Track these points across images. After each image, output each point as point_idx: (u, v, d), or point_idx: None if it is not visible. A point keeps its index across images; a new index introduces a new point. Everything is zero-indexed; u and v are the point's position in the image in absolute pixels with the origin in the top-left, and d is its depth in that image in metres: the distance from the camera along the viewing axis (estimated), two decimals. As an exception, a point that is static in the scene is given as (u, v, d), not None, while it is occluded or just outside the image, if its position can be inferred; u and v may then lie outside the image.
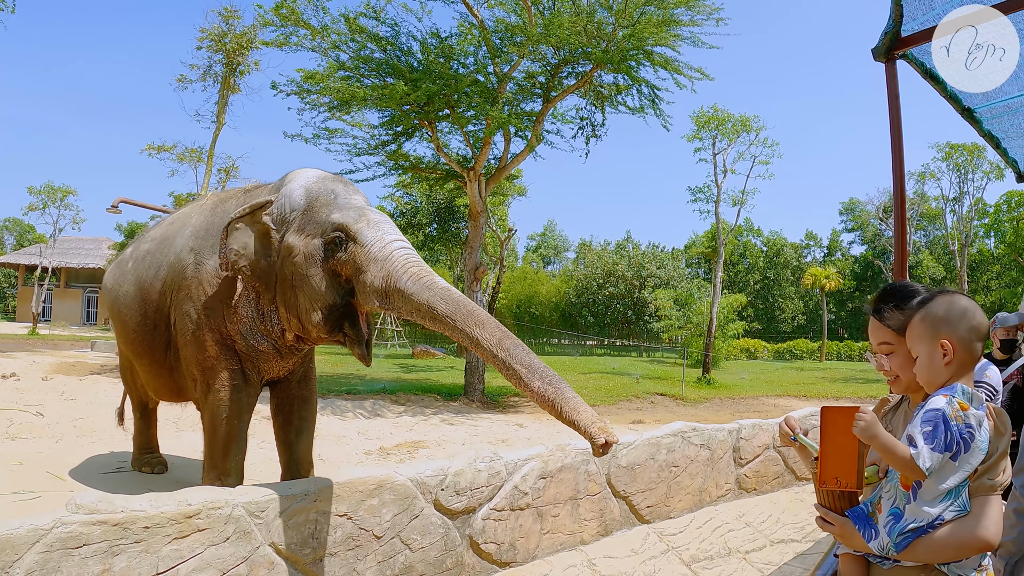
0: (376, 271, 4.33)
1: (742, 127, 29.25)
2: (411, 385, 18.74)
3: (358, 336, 4.70)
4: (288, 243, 4.69)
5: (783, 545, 6.67)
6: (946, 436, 1.98)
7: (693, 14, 17.07)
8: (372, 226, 4.52)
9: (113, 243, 53.10)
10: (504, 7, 17.35)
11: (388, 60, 16.73)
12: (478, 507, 5.24)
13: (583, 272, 53.63)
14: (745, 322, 43.99)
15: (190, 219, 5.68)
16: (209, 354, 5.12)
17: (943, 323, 2.14)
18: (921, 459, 1.97)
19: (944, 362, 2.12)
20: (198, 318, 5.13)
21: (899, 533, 2.08)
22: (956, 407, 2.03)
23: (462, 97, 16.46)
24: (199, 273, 5.19)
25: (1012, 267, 50.01)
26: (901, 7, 3.63)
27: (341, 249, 4.50)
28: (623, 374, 26.63)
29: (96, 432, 9.93)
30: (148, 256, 5.86)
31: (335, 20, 16.62)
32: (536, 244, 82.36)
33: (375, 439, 11.32)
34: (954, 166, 42.47)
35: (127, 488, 6.66)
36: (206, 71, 24.26)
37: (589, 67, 17.52)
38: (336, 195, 4.78)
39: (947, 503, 2.04)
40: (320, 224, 4.62)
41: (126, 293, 5.96)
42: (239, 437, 5.27)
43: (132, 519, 3.43)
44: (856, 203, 66.17)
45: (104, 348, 25.28)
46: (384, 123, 18.11)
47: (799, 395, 22.91)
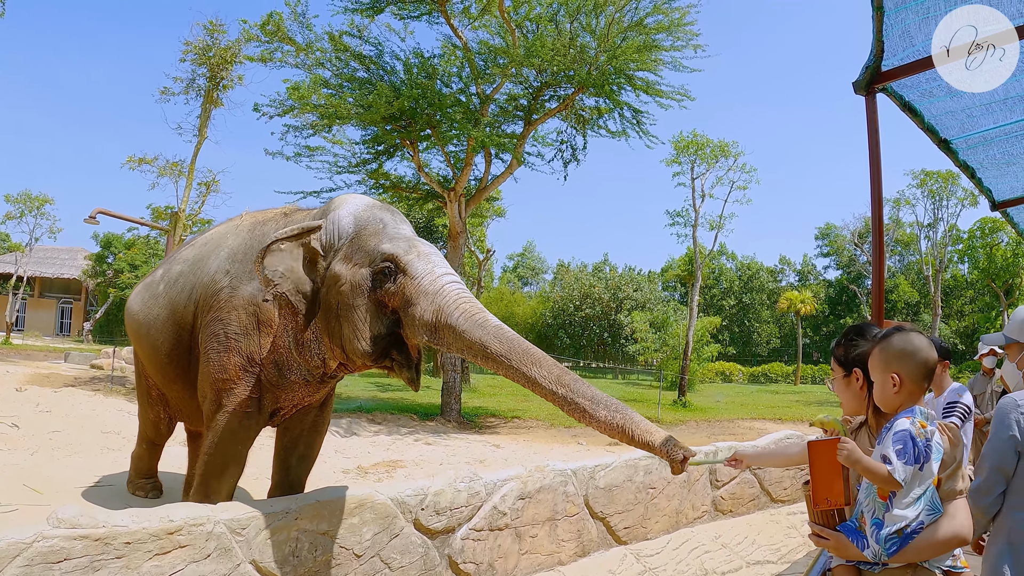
0: (427, 305, 4.21)
1: (721, 152, 29.54)
2: (387, 404, 18.67)
3: (407, 360, 4.59)
4: (335, 271, 4.55)
5: (759, 567, 6.72)
6: (914, 451, 2.35)
7: (673, 40, 17.32)
8: (423, 258, 4.40)
9: (89, 254, 52.54)
10: (488, 29, 17.54)
11: (371, 79, 16.79)
12: (457, 527, 5.25)
13: (560, 294, 53.71)
14: (720, 345, 44.19)
15: (226, 240, 5.51)
16: (229, 376, 4.94)
17: (895, 358, 2.51)
18: (897, 473, 2.32)
19: (894, 391, 2.50)
20: (227, 340, 4.96)
21: (885, 539, 2.39)
22: (918, 426, 2.39)
23: (444, 116, 16.55)
24: (234, 297, 5.03)
25: (985, 292, 50.59)
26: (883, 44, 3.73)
27: (390, 280, 4.37)
28: (599, 396, 26.58)
29: (72, 445, 9.83)
30: (181, 278, 5.66)
31: (319, 38, 16.71)
32: (515, 264, 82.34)
33: (352, 458, 11.28)
34: (929, 193, 43.02)
35: (107, 502, 6.59)
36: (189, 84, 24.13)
37: (571, 90, 17.70)
38: (385, 224, 4.67)
39: (920, 506, 2.36)
40: (369, 253, 4.50)
41: (157, 316, 5.74)
42: (239, 461, 5.15)
43: (114, 534, 3.42)
44: (831, 228, 66.82)
45: (78, 360, 25.01)
46: (366, 141, 18.17)
47: (774, 418, 23.04)
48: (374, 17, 16.81)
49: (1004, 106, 4.84)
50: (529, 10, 17.14)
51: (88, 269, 51.33)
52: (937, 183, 41.93)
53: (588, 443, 15.50)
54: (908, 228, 48.51)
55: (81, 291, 54.54)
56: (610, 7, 16.60)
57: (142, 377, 6.72)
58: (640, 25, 16.95)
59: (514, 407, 20.53)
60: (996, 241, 44.30)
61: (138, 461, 7.30)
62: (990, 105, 4.83)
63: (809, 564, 2.88)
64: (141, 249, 46.69)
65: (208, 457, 5.05)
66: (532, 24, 17.13)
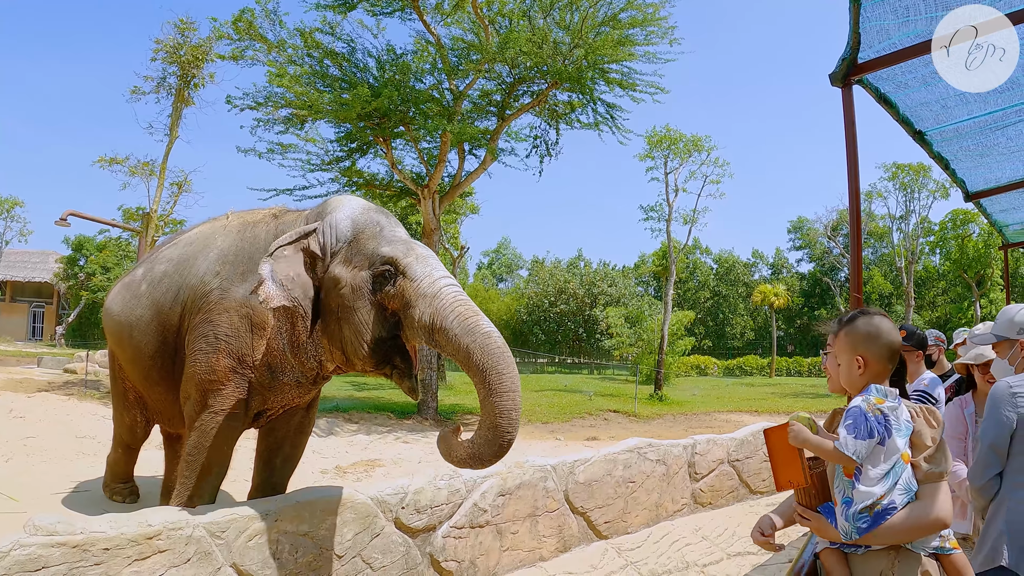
0: (424, 307, 4.26)
1: (694, 147, 29.66)
2: (364, 403, 18.60)
3: (408, 369, 4.59)
4: (334, 274, 4.56)
5: (740, 558, 6.76)
6: (866, 425, 2.40)
7: (648, 34, 17.37)
8: (421, 261, 4.44)
9: (61, 257, 51.73)
10: (461, 26, 17.49)
11: (344, 76, 16.71)
12: (438, 525, 5.25)
13: (534, 290, 53.76)
14: (695, 339, 44.41)
15: (214, 241, 5.44)
16: (217, 377, 4.88)
17: (860, 341, 2.58)
18: (845, 447, 2.40)
19: (858, 373, 2.57)
20: (216, 342, 4.90)
21: (854, 515, 2.42)
22: (872, 402, 2.46)
23: (418, 112, 16.50)
24: (224, 299, 4.98)
25: (957, 283, 51.24)
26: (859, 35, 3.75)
27: (390, 283, 4.40)
28: (575, 391, 26.72)
29: (47, 451, 9.68)
30: (166, 279, 5.54)
31: (291, 35, 16.59)
32: (489, 261, 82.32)
33: (331, 458, 11.23)
34: (900, 185, 43.38)
35: (84, 508, 6.49)
36: (160, 83, 23.80)
37: (544, 86, 17.70)
38: (382, 227, 4.69)
39: (888, 483, 2.40)
40: (368, 256, 4.51)
41: (140, 317, 5.60)
42: (222, 462, 5.09)
43: (92, 541, 3.39)
44: (804, 222, 67.33)
45: (51, 364, 24.64)
46: (339, 138, 18.08)
47: (750, 410, 23.21)
48: (346, 14, 16.70)
49: (978, 97, 4.89)
50: (502, 6, 17.11)
51: (60, 272, 50.51)
52: (908, 176, 42.31)
53: (566, 438, 15.54)
54: (880, 221, 48.91)
55: (53, 295, 53.76)
56: (584, 2, 16.63)
57: (119, 380, 6.59)
58: (614, 20, 16.98)
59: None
60: (967, 233, 44.96)
61: (114, 465, 7.18)
62: (964, 96, 4.88)
63: (799, 549, 2.88)
64: (113, 251, 46.00)
65: (192, 458, 4.98)
66: (505, 20, 17.11)
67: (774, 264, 73.69)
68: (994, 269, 45.51)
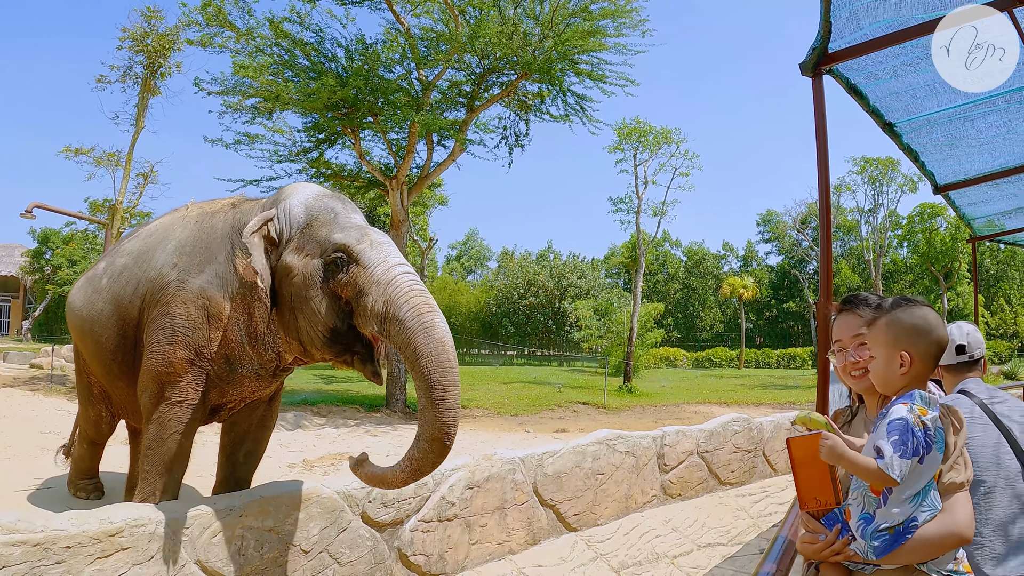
0: (378, 295, 4.17)
1: (663, 139, 29.76)
2: (332, 396, 18.49)
3: (370, 353, 4.50)
4: (286, 262, 4.48)
5: (710, 549, 6.81)
6: (912, 442, 2.05)
7: (619, 25, 17.38)
8: (375, 247, 4.36)
9: (27, 250, 50.93)
10: (430, 16, 17.38)
11: (313, 66, 16.58)
12: (406, 519, 5.23)
13: (504, 282, 53.74)
14: (664, 331, 44.67)
15: (172, 232, 5.33)
16: (174, 369, 4.78)
17: (907, 335, 2.20)
18: (891, 469, 2.02)
19: (900, 372, 2.20)
20: (173, 334, 4.80)
21: (872, 535, 2.13)
22: (917, 413, 2.09)
23: (386, 103, 16.40)
24: (182, 291, 4.87)
25: (925, 276, 51.88)
26: (830, 24, 3.75)
27: (342, 270, 4.32)
28: (545, 383, 26.74)
29: (12, 447, 9.54)
30: (126, 272, 5.43)
31: (260, 23, 16.40)
32: (458, 253, 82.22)
33: (298, 452, 11.16)
34: (869, 179, 43.99)
35: (49, 505, 6.38)
36: (126, 72, 23.49)
37: (514, 76, 17.67)
38: (336, 213, 4.60)
39: (916, 504, 2.10)
40: (320, 243, 4.43)
41: (101, 312, 5.50)
42: (183, 456, 4.96)
43: (53, 539, 3.33)
44: (773, 215, 67.98)
45: (17, 360, 24.25)
46: (306, 129, 17.96)
47: (719, 402, 23.37)
48: (315, 3, 16.57)
49: (948, 89, 4.91)
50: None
51: (26, 266, 49.69)
52: (877, 169, 42.95)
53: (535, 431, 15.55)
54: (849, 214, 49.54)
55: (19, 288, 52.80)
56: (554, -7, 16.62)
57: (84, 374, 6.48)
58: (585, 11, 16.97)
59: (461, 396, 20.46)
60: (935, 226, 45.69)
61: (79, 461, 7.08)
62: (935, 87, 4.90)
63: (768, 544, 2.75)
64: (80, 244, 45.33)
65: (151, 452, 4.86)
66: (475, 10, 17.04)
67: (745, 256, 74.27)
68: (961, 262, 46.35)
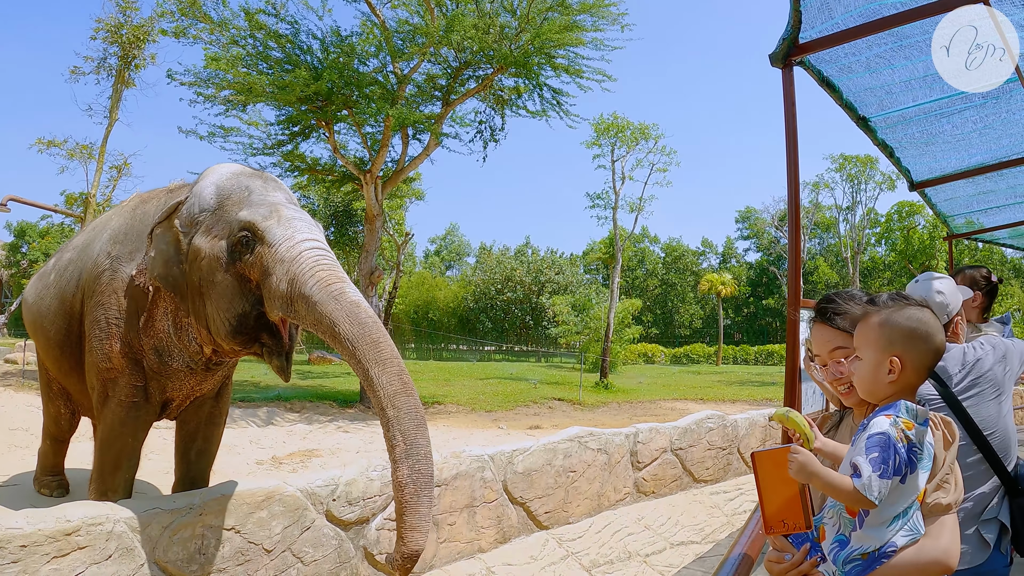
0: (282, 273, 3.89)
1: (641, 135, 29.78)
2: (306, 392, 18.40)
3: (277, 346, 4.24)
4: (195, 246, 4.24)
5: (683, 547, 6.81)
6: (894, 460, 1.80)
7: (596, 20, 17.39)
8: (283, 223, 4.08)
9: (3, 243, 50.40)
10: (407, 8, 17.31)
11: (288, 58, 16.47)
12: (372, 517, 5.19)
13: (481, 277, 53.75)
14: (642, 327, 44.81)
15: (110, 222, 5.24)
16: (113, 365, 4.68)
17: (901, 339, 1.96)
18: (868, 490, 1.78)
19: (888, 379, 1.96)
20: (108, 327, 4.69)
21: (845, 560, 1.92)
22: (900, 427, 1.85)
23: (361, 96, 16.33)
24: (114, 280, 4.75)
25: (903, 274, 52.38)
26: (800, 13, 3.71)
27: (248, 251, 4.06)
28: (521, 379, 26.73)
29: (-25, 444, 9.41)
30: (70, 265, 5.37)
31: (235, 15, 16.27)
32: (437, 248, 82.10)
33: (268, 448, 11.07)
34: (847, 177, 44.39)
35: (12, 503, 6.27)
36: (100, 63, 23.27)
37: (490, 70, 17.63)
38: (251, 192, 4.35)
39: (895, 526, 1.88)
40: (228, 224, 4.19)
41: (48, 307, 5.45)
42: (132, 454, 4.90)
43: (8, 537, 3.27)
44: (752, 211, 68.44)
45: (-13, 355, 23.99)
46: (281, 121, 17.85)
47: (696, 399, 23.44)
48: (291, -7, 16.49)
49: (924, 84, 4.86)
50: (448, -12, 17.00)
51: (2, 259, 49.20)
52: (856, 167, 43.34)
53: (509, 427, 15.54)
54: (827, 211, 49.90)
55: (-5, 282, 52.34)
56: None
57: (43, 370, 6.42)
58: (563, 4, 16.94)
59: (434, 392, 20.44)
60: (913, 224, 46.06)
61: (43, 458, 7.00)
62: (910, 83, 4.85)
63: (729, 547, 2.61)
64: (56, 237, 44.85)
65: (101, 453, 4.84)
66: (451, 3, 16.99)
67: (724, 253, 74.70)
68: (938, 260, 46.71)
